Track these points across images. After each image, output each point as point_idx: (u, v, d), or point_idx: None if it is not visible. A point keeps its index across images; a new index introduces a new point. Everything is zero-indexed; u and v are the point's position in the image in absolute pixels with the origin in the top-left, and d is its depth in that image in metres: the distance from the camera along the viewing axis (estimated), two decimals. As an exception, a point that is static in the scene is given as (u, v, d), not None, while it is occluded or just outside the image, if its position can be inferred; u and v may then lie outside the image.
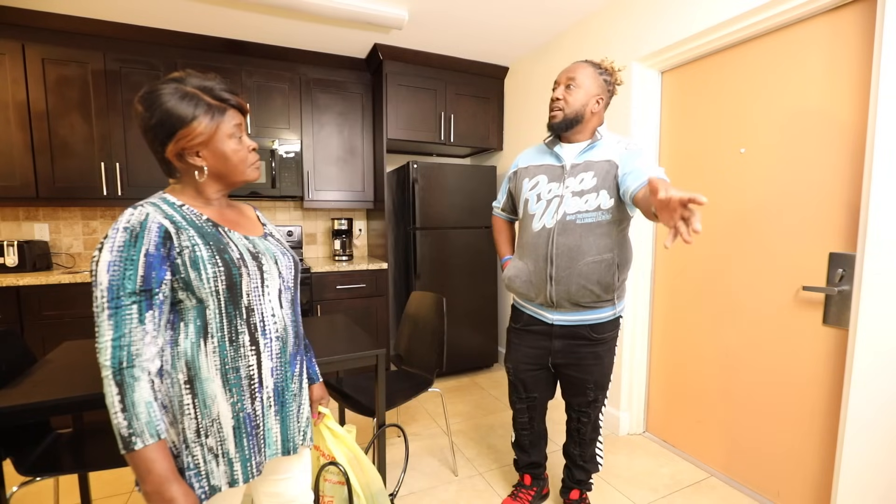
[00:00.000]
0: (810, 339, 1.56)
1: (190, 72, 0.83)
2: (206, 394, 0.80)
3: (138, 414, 0.71)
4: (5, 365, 1.33)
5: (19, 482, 1.28)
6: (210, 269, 0.78)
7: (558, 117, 1.38)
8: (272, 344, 0.88)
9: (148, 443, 0.71)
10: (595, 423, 1.57)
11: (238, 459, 0.82)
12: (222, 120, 0.82)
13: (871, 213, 1.32)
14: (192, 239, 0.79)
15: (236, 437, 0.82)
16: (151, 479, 0.71)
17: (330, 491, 1.17)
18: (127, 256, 0.73)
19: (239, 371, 0.83)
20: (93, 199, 2.45)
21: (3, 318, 2.12)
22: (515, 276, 1.51)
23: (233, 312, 0.82)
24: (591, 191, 1.34)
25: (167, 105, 0.78)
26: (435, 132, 2.97)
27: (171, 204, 0.83)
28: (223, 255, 0.81)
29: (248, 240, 0.89)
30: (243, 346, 0.83)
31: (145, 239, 0.74)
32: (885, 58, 1.27)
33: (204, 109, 0.80)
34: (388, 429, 1.93)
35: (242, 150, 0.86)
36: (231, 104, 0.84)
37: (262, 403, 0.86)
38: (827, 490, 1.53)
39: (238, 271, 0.82)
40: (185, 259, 0.77)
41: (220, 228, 0.85)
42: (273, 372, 0.88)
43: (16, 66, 2.26)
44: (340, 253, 3.12)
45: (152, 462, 0.71)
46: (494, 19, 2.41)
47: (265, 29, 2.51)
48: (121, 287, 0.72)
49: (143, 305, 0.74)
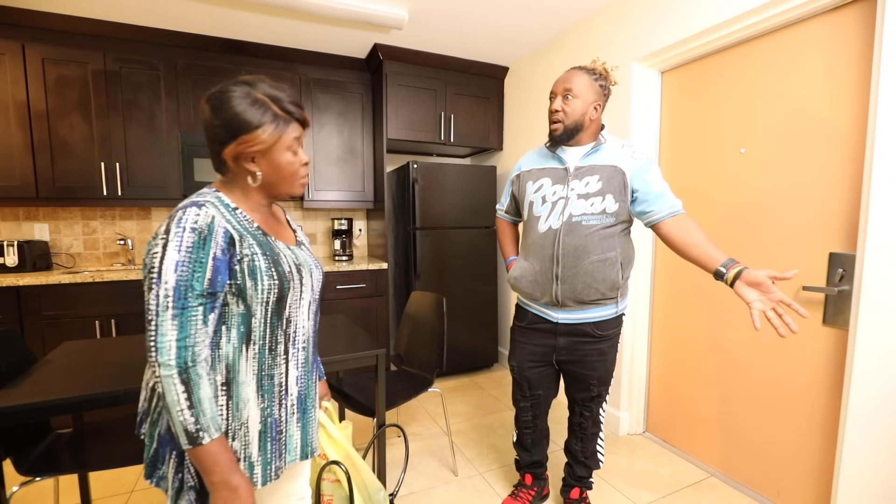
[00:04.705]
0: (810, 339, 1.56)
1: (262, 77, 0.83)
2: (240, 397, 0.81)
3: (204, 410, 0.73)
4: (5, 365, 1.32)
5: (19, 482, 1.28)
6: (266, 281, 0.80)
7: (559, 129, 1.40)
8: (299, 354, 0.90)
9: (214, 437, 0.73)
10: (596, 418, 1.58)
11: (259, 463, 0.84)
12: (285, 131, 0.82)
13: (871, 213, 1.32)
14: (252, 248, 0.80)
15: (261, 441, 0.84)
16: (219, 469, 0.74)
17: (329, 490, 1.17)
18: (196, 258, 0.73)
19: (273, 378, 0.85)
20: (93, 199, 2.45)
21: (3, 318, 2.12)
22: (521, 276, 1.52)
23: (276, 323, 0.84)
24: (596, 194, 1.37)
25: (236, 108, 0.77)
26: (435, 132, 2.97)
27: (226, 206, 0.82)
28: (277, 268, 0.82)
29: (291, 250, 0.90)
30: (279, 355, 0.86)
31: (213, 242, 0.75)
32: (885, 58, 1.27)
33: (270, 118, 0.79)
34: (388, 429, 1.93)
35: (296, 164, 0.85)
36: (296, 117, 0.84)
37: (286, 410, 0.88)
38: (827, 490, 1.53)
39: (288, 285, 0.84)
40: (245, 267, 0.78)
41: (269, 238, 0.86)
42: (298, 380, 0.90)
43: (16, 66, 2.26)
44: (340, 253, 3.12)
45: (218, 454, 0.74)
46: (494, 19, 2.42)
47: (265, 29, 2.52)
48: (189, 288, 0.72)
49: (208, 307, 0.75)
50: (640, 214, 1.39)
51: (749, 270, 1.14)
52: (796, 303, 1.08)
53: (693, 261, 1.29)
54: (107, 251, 2.78)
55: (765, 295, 1.11)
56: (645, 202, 1.36)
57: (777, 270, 1.12)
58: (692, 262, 1.30)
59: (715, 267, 1.22)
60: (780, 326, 1.06)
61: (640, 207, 1.38)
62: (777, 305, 1.09)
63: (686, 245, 1.29)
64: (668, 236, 1.34)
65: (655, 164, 1.40)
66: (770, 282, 1.10)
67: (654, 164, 1.40)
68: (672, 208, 1.34)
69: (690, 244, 1.29)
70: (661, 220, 1.34)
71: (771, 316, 1.08)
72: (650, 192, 1.35)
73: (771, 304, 1.09)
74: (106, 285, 2.29)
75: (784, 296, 1.08)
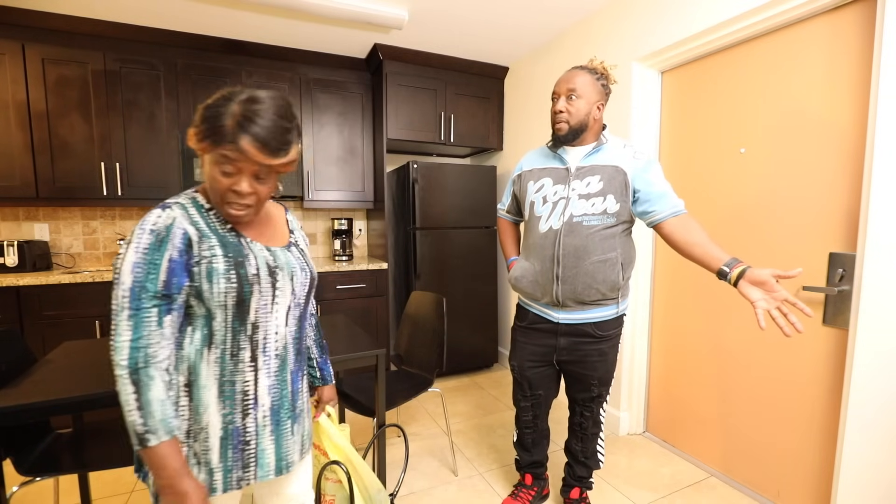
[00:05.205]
0: (810, 339, 1.56)
1: (262, 99, 0.76)
2: (200, 400, 0.80)
3: (153, 412, 0.72)
4: (5, 365, 1.33)
5: (19, 482, 1.28)
6: (223, 284, 0.78)
7: (564, 129, 1.39)
8: (271, 361, 0.87)
9: (162, 439, 0.72)
10: (596, 418, 1.58)
11: (220, 470, 0.82)
12: (218, 146, 0.74)
13: (872, 213, 1.32)
14: (213, 249, 0.79)
15: (222, 449, 0.82)
16: (165, 473, 0.73)
17: (332, 490, 1.17)
18: (151, 260, 0.74)
19: (235, 385, 0.83)
20: (93, 199, 2.45)
21: (3, 318, 2.12)
22: (521, 276, 1.52)
23: (238, 328, 0.82)
24: (597, 195, 1.36)
25: (204, 103, 0.76)
26: (435, 132, 2.97)
27: (199, 207, 0.82)
28: (238, 270, 0.80)
29: (270, 251, 0.87)
30: (242, 362, 0.83)
31: (170, 244, 0.75)
32: (885, 58, 1.27)
33: (209, 124, 0.74)
34: (388, 429, 1.93)
35: (222, 184, 0.77)
36: (228, 140, 0.73)
37: (257, 422, 0.85)
38: (827, 490, 1.53)
39: (250, 289, 0.81)
40: (202, 269, 0.77)
41: (243, 239, 0.84)
42: (270, 390, 0.87)
43: (16, 66, 2.26)
44: (340, 253, 3.12)
45: (165, 458, 0.73)
46: (495, 18, 2.42)
47: (265, 29, 2.51)
48: (143, 289, 0.73)
49: (163, 309, 0.75)
50: (643, 215, 1.39)
51: (753, 269, 1.13)
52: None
53: (696, 260, 1.29)
54: (107, 251, 2.78)
55: (769, 294, 1.10)
56: (647, 202, 1.36)
57: (779, 269, 1.12)
58: (695, 262, 1.29)
59: (718, 266, 1.21)
60: (785, 326, 1.06)
61: (642, 208, 1.38)
62: (782, 304, 1.08)
63: (689, 245, 1.29)
64: (670, 236, 1.34)
65: (657, 164, 1.40)
66: (774, 281, 1.09)
67: (656, 164, 1.40)
68: (674, 208, 1.34)
69: (693, 244, 1.29)
70: (664, 220, 1.34)
71: (776, 315, 1.08)
72: (652, 193, 1.35)
73: (775, 303, 1.09)
74: (106, 285, 2.29)
75: (788, 295, 1.08)
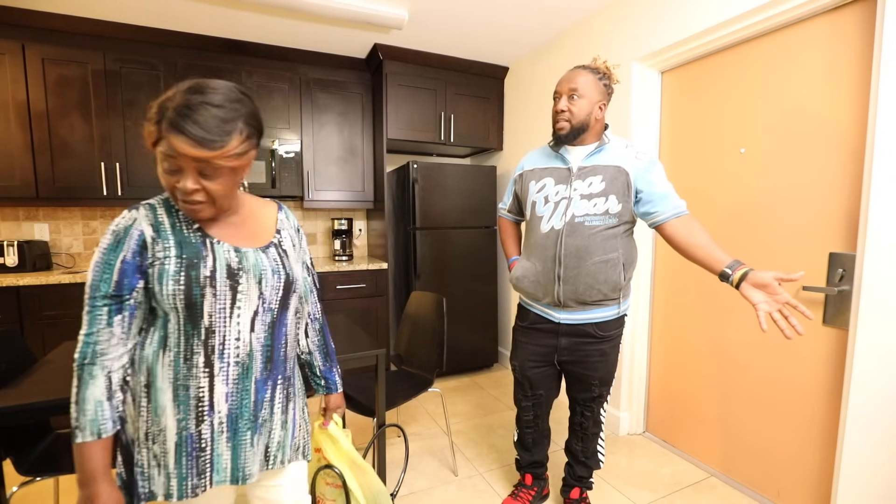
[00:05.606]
0: (810, 340, 1.56)
1: (215, 88, 0.74)
2: (157, 403, 0.80)
3: (85, 410, 0.74)
4: (5, 365, 1.33)
5: (19, 482, 1.28)
6: (171, 286, 0.76)
7: (566, 129, 1.38)
8: (229, 368, 0.82)
9: (87, 439, 0.74)
10: (597, 418, 1.58)
11: (175, 476, 0.81)
12: (164, 138, 0.71)
13: (872, 213, 1.32)
14: (167, 251, 0.78)
15: (177, 454, 0.80)
16: (83, 472, 0.75)
17: (331, 495, 1.16)
18: (107, 260, 0.76)
19: (189, 390, 0.80)
20: (93, 199, 2.46)
21: (3, 318, 2.12)
22: (523, 276, 1.52)
23: (190, 331, 0.79)
24: (599, 195, 1.36)
25: (166, 93, 0.74)
26: (435, 132, 2.97)
27: (169, 207, 0.82)
28: (190, 272, 0.77)
29: (238, 252, 0.83)
30: (196, 367, 0.80)
31: (125, 246, 0.77)
32: (885, 58, 1.27)
33: (149, 123, 0.73)
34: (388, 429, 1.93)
35: (170, 182, 0.75)
36: (161, 137, 0.72)
37: (213, 428, 0.82)
38: (827, 490, 1.53)
39: (200, 291, 0.78)
40: (155, 270, 0.77)
41: (208, 239, 0.82)
42: (228, 397, 0.82)
43: (16, 66, 2.26)
44: (340, 253, 3.12)
45: (87, 458, 0.74)
46: (495, 18, 2.42)
47: (265, 29, 2.51)
48: (97, 289, 0.76)
49: (113, 309, 0.77)
50: (645, 215, 1.39)
51: (755, 272, 1.13)
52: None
53: (698, 262, 1.29)
54: (107, 251, 2.78)
55: (771, 296, 1.10)
56: (649, 203, 1.36)
57: (781, 271, 1.12)
58: (697, 264, 1.29)
59: (720, 268, 1.21)
60: (786, 328, 1.06)
61: (644, 208, 1.38)
62: (783, 307, 1.09)
63: (691, 246, 1.29)
64: (672, 237, 1.34)
65: (659, 165, 1.39)
66: (776, 283, 1.10)
67: (658, 164, 1.39)
68: (676, 209, 1.34)
69: (695, 245, 1.28)
70: (666, 221, 1.34)
71: (777, 318, 1.08)
72: (654, 193, 1.35)
73: (777, 305, 1.09)
74: (106, 285, 2.29)
75: (790, 297, 1.08)
